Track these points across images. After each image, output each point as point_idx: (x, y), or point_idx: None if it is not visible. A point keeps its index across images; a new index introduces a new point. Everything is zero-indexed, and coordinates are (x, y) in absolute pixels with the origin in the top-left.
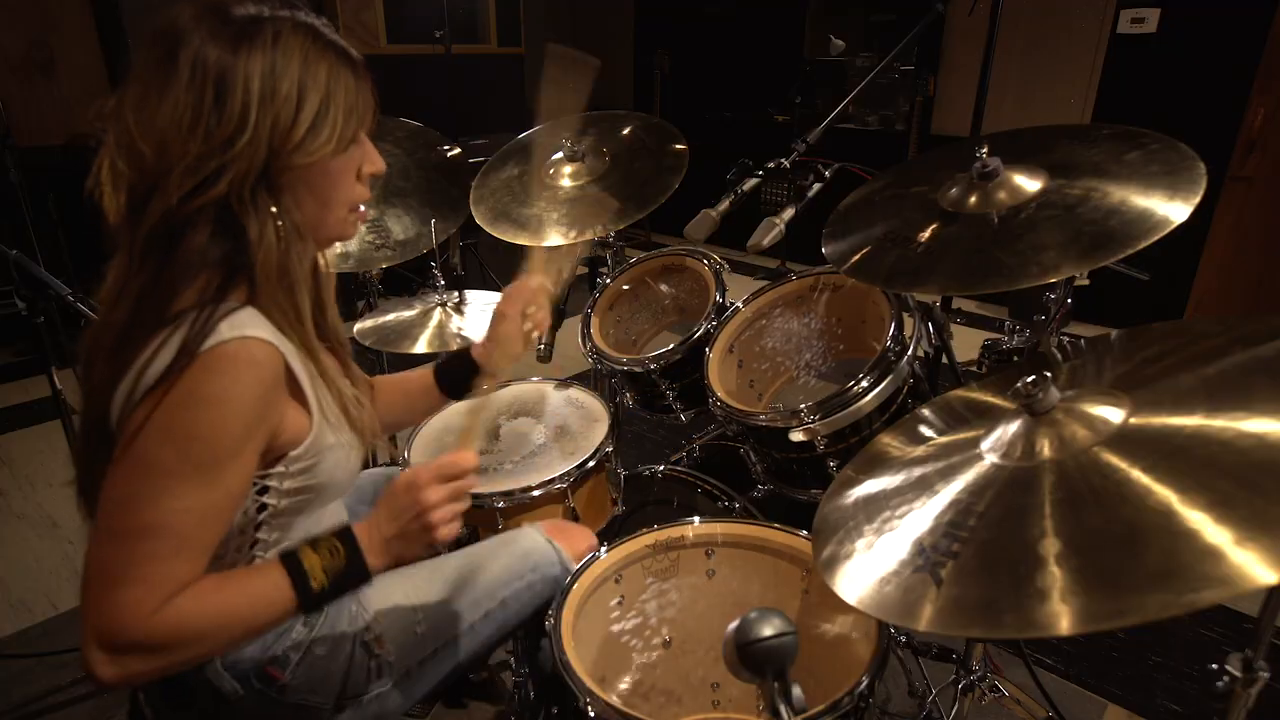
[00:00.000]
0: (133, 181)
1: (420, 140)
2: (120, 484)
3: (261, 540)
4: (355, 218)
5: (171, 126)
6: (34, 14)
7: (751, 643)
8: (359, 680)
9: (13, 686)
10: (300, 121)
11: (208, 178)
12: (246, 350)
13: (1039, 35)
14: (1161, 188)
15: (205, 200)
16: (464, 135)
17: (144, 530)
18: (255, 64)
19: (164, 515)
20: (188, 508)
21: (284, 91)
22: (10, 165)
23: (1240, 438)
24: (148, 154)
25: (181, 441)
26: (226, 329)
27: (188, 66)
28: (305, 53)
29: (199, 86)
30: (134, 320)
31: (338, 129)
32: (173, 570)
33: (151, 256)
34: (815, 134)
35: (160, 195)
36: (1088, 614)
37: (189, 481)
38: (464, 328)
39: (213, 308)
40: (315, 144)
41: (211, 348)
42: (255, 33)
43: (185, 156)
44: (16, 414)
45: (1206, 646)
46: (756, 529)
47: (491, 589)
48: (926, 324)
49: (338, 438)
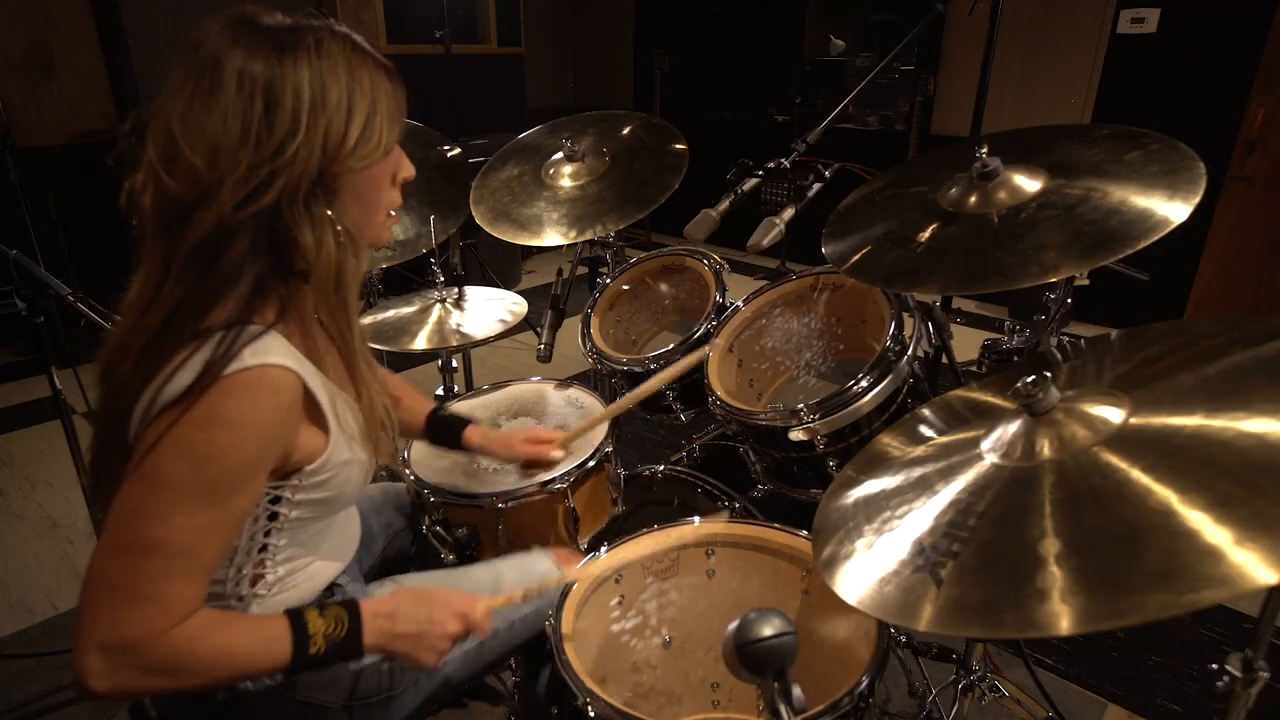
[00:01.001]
0: (177, 193)
1: (420, 140)
2: (132, 496)
3: (271, 545)
4: (390, 222)
5: (222, 137)
6: (34, 14)
7: (751, 643)
8: (370, 683)
9: (13, 686)
10: (352, 128)
11: (259, 186)
12: (268, 378)
13: (1039, 35)
14: (1161, 188)
15: (256, 209)
16: (464, 135)
17: (152, 545)
18: (302, 72)
19: (172, 532)
20: (196, 525)
21: (334, 99)
22: (10, 165)
23: (1240, 438)
24: (199, 164)
25: (196, 460)
26: (250, 355)
27: (234, 77)
28: (349, 60)
29: (248, 96)
30: (166, 329)
31: (384, 134)
32: (181, 590)
33: (193, 267)
34: (815, 134)
35: (211, 205)
36: (1088, 614)
37: (199, 500)
38: (463, 324)
39: (239, 330)
40: (367, 149)
41: (234, 373)
42: (298, 42)
43: (237, 166)
44: (16, 414)
45: (1206, 646)
46: (756, 529)
47: (504, 610)
48: (926, 324)
49: (353, 454)
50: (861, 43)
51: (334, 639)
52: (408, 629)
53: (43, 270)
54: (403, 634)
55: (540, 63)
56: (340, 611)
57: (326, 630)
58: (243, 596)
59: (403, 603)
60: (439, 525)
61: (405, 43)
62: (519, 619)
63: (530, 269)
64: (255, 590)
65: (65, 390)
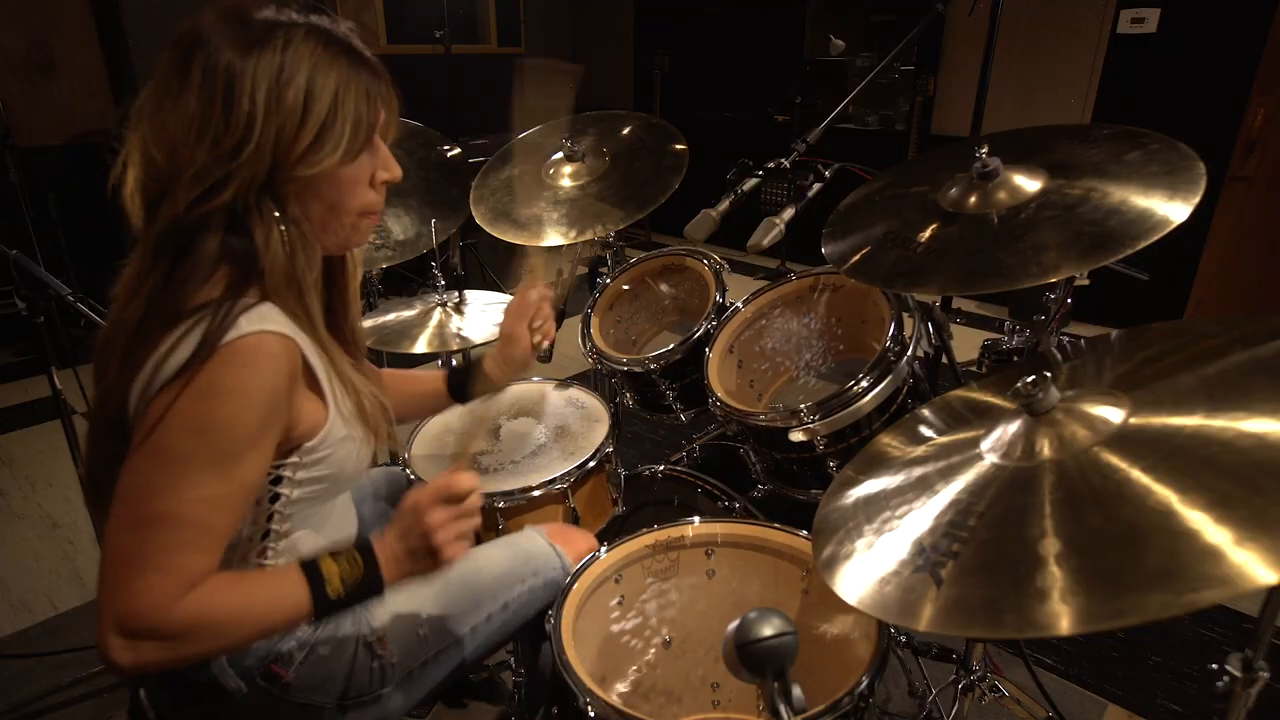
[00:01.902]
0: (146, 184)
1: (420, 140)
2: (139, 472)
3: (274, 531)
4: (367, 224)
5: (181, 133)
6: (34, 14)
7: (751, 643)
8: (362, 681)
9: (13, 686)
10: (304, 134)
11: (214, 185)
12: (265, 344)
13: (1039, 35)
14: (1161, 188)
15: (212, 207)
16: (464, 135)
17: (162, 518)
18: (263, 71)
19: (182, 504)
20: (204, 497)
21: (289, 101)
22: (10, 165)
23: (1240, 438)
24: (159, 159)
25: (201, 431)
26: (245, 323)
27: (199, 71)
28: (315, 61)
29: (209, 93)
30: (147, 318)
31: (344, 140)
32: (192, 560)
33: (164, 257)
34: (815, 134)
35: (169, 200)
36: (1088, 614)
37: (207, 471)
38: (463, 328)
39: (232, 302)
40: (318, 155)
41: (231, 341)
42: (267, 39)
43: (193, 164)
44: (16, 414)
45: (1206, 646)
46: (756, 529)
47: (493, 591)
48: (926, 324)
49: (350, 430)
50: (861, 43)
51: (352, 580)
52: (401, 548)
53: (43, 270)
54: (415, 548)
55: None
56: (353, 553)
57: (343, 573)
58: None
59: (397, 523)
60: None
61: (405, 43)
62: (514, 599)
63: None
64: None
65: (65, 390)
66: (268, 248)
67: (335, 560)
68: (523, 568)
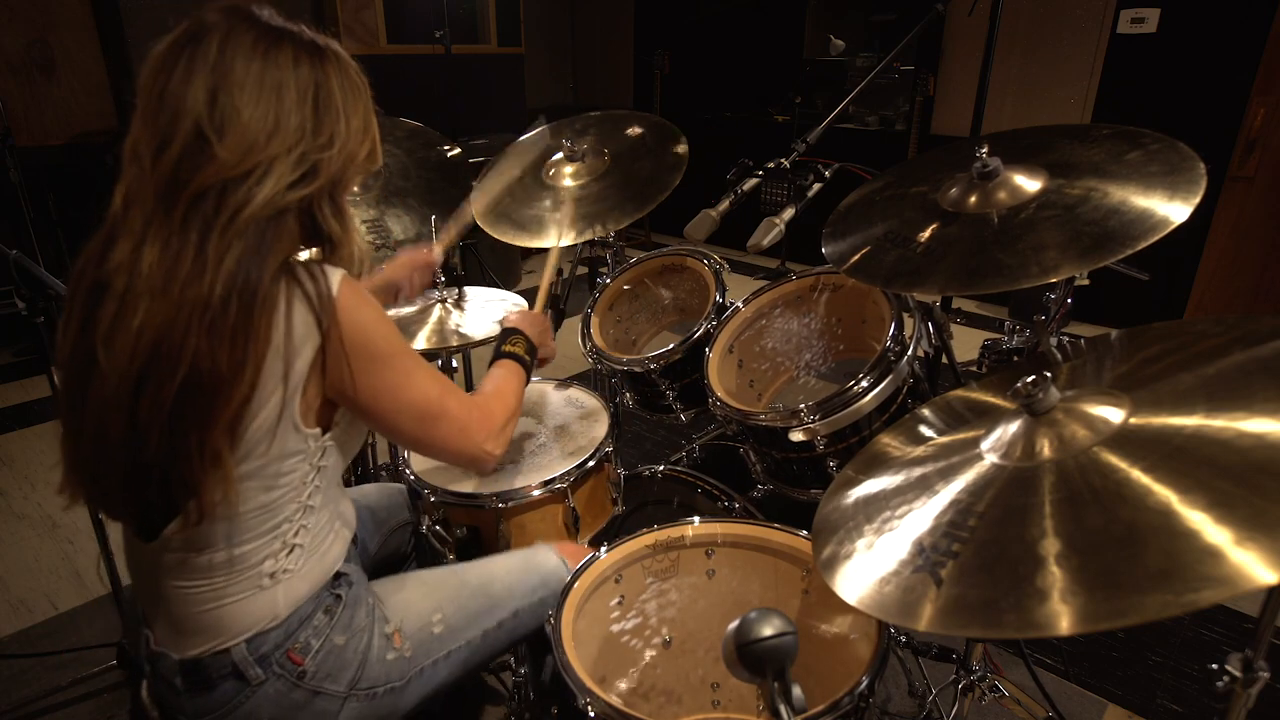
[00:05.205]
0: (225, 161)
1: (420, 140)
2: (378, 381)
3: (310, 507)
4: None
5: (284, 117)
6: (34, 14)
7: (751, 643)
8: (376, 673)
9: (13, 686)
10: (367, 140)
11: (306, 174)
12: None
13: (1039, 35)
14: (1161, 188)
15: (304, 194)
16: (464, 135)
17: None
18: (334, 80)
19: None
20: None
21: (361, 112)
22: (10, 165)
23: (1240, 438)
24: (259, 141)
25: (382, 331)
26: (333, 271)
27: (290, 67)
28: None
29: (303, 91)
30: (228, 295)
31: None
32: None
33: (243, 237)
34: (815, 134)
35: (269, 180)
36: (1088, 614)
37: (411, 354)
38: (463, 324)
39: (313, 263)
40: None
41: (341, 279)
42: (326, 50)
43: (293, 150)
44: (16, 414)
45: (1206, 646)
46: (756, 529)
47: (506, 599)
48: (926, 324)
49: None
50: (861, 43)
51: (530, 349)
52: (539, 337)
53: (43, 270)
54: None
55: (540, 63)
56: (516, 335)
57: (525, 348)
58: (273, 574)
59: (527, 326)
60: (439, 525)
61: (405, 43)
62: (525, 608)
63: (530, 269)
64: (283, 565)
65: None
66: (347, 235)
67: (513, 344)
68: (535, 580)
